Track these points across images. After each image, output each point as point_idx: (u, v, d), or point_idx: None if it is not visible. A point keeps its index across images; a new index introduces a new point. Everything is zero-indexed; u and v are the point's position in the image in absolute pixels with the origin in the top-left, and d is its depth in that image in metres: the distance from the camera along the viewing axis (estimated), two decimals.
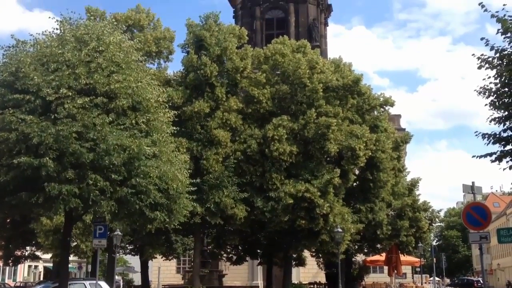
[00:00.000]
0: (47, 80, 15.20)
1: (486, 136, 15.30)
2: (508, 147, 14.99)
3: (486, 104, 15.22)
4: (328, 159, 29.18)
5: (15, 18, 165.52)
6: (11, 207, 16.50)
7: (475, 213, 16.77)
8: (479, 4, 14.27)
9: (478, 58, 14.69)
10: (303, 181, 27.39)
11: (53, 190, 14.54)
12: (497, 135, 15.03)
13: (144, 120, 16.79)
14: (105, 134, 15.09)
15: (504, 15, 13.98)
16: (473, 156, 15.62)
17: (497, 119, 15.17)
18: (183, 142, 25.70)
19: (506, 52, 14.19)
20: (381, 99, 33.96)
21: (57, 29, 17.40)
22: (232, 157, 27.54)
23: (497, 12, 14.07)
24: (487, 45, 14.32)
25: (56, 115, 14.94)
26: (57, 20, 17.49)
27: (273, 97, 29.41)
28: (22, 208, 16.72)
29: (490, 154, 15.07)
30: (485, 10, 14.13)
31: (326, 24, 52.37)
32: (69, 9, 17.74)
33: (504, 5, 14.01)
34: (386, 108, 34.55)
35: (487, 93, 15.07)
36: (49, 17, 17.62)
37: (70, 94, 15.17)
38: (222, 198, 26.27)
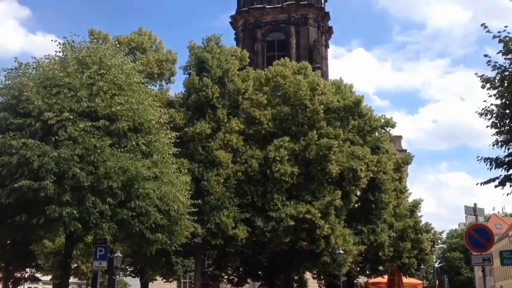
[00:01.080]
0: (49, 103, 15.29)
1: (488, 160, 15.25)
2: (511, 171, 14.91)
3: (487, 126, 15.21)
4: (329, 180, 29.15)
5: (18, 40, 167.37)
6: (12, 229, 16.46)
7: (477, 235, 16.71)
8: (482, 25, 14.34)
9: (480, 77, 14.74)
10: (304, 202, 27.34)
11: (53, 212, 14.54)
12: (499, 160, 14.96)
13: (145, 141, 16.83)
14: (106, 157, 15.12)
15: (506, 37, 14.06)
16: (477, 184, 15.53)
17: (499, 143, 15.12)
18: (184, 163, 25.72)
19: (507, 73, 14.23)
20: (382, 120, 34.08)
21: (59, 51, 17.56)
22: (233, 178, 27.54)
23: (499, 32, 14.17)
24: (488, 63, 14.35)
25: (57, 137, 15.01)
26: (59, 43, 17.66)
27: (274, 118, 29.52)
28: (23, 230, 16.67)
29: (493, 180, 14.96)
30: (488, 31, 14.22)
31: (327, 46, 52.78)
32: (72, 32, 17.87)
33: (505, 26, 14.12)
34: (387, 129, 34.65)
35: (489, 115, 15.07)
36: (52, 40, 17.78)
37: (72, 117, 15.25)
38: (223, 219, 26.21)
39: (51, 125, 15.27)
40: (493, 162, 15.06)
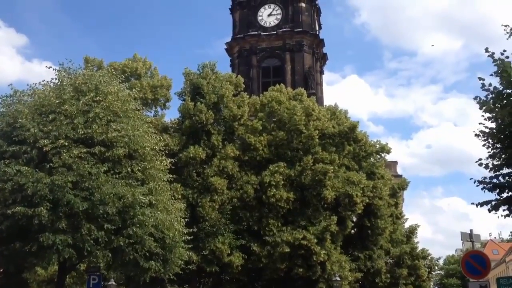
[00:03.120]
0: (45, 130, 15.29)
1: (482, 183, 15.31)
2: (504, 195, 14.96)
3: (483, 145, 15.32)
4: (325, 206, 29.05)
5: (15, 68, 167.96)
6: (5, 257, 16.25)
7: (474, 262, 16.61)
8: (485, 48, 14.53)
9: (476, 99, 14.87)
10: (300, 228, 27.20)
11: (47, 240, 14.38)
12: (492, 182, 15.03)
13: (140, 168, 16.78)
14: (101, 184, 15.05)
15: (500, 59, 14.25)
16: (472, 203, 15.62)
17: (493, 166, 15.20)
18: (178, 188, 25.59)
19: (504, 92, 14.35)
20: (377, 146, 34.17)
21: (55, 78, 17.59)
22: (229, 204, 27.40)
23: (493, 53, 14.37)
24: (483, 87, 14.50)
25: (51, 164, 14.95)
26: (54, 69, 17.69)
27: (269, 144, 29.53)
28: (16, 258, 16.45)
29: (487, 202, 15.03)
30: (490, 56, 14.39)
31: (321, 72, 53.15)
32: (67, 59, 17.90)
33: (504, 50, 14.34)
34: (383, 155, 34.71)
35: (485, 136, 15.19)
36: (47, 67, 17.83)
37: (67, 144, 15.22)
38: (218, 245, 25.97)
39: (46, 152, 15.23)
40: (486, 185, 15.12)
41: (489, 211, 14.97)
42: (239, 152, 29.01)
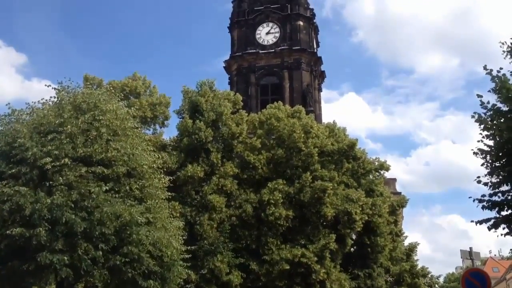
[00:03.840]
0: (45, 150, 15.28)
1: (481, 201, 15.28)
2: (503, 213, 14.93)
3: (482, 164, 15.32)
4: (324, 223, 28.93)
5: (14, 87, 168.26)
6: (2, 276, 16.13)
7: (474, 280, 16.47)
8: (484, 66, 14.62)
9: (472, 116, 14.91)
10: (299, 246, 27.06)
11: (44, 259, 14.30)
12: (491, 201, 15.00)
13: (138, 186, 16.76)
14: (100, 203, 15.01)
15: (498, 75, 14.33)
16: (471, 221, 15.58)
17: (492, 183, 15.19)
18: (176, 206, 25.48)
19: (502, 109, 14.39)
20: (376, 163, 34.13)
21: (54, 97, 17.63)
22: (227, 222, 27.29)
23: (491, 70, 14.46)
24: (482, 104, 14.56)
25: (51, 183, 14.92)
26: (54, 88, 17.74)
27: (268, 161, 29.50)
28: (13, 277, 16.32)
29: (486, 220, 14.99)
30: (487, 73, 14.46)
31: (320, 90, 53.34)
32: (67, 78, 17.96)
33: (500, 68, 14.42)
34: (381, 172, 34.65)
35: (483, 154, 15.21)
36: (46, 85, 17.91)
37: (69, 163, 15.21)
38: (217, 264, 25.79)
39: (46, 171, 15.20)
40: (485, 203, 15.10)
41: (489, 229, 14.95)
42: (238, 170, 28.97)
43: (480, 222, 15.19)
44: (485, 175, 15.35)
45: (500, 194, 15.18)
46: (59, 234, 14.69)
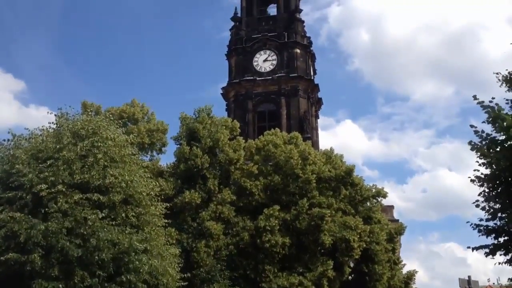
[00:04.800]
0: (41, 176, 15.28)
1: (478, 226, 15.25)
2: (501, 239, 14.88)
3: (479, 194, 15.31)
4: (322, 251, 28.72)
5: (12, 114, 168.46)
6: None
7: None
8: (473, 97, 14.72)
9: (469, 143, 14.94)
10: (296, 273, 26.83)
11: (39, 286, 14.17)
12: (489, 227, 14.97)
13: (135, 214, 16.69)
14: (96, 230, 14.93)
15: (489, 106, 14.39)
16: (468, 247, 15.52)
17: (489, 207, 15.18)
18: (172, 233, 25.26)
19: (497, 139, 14.42)
20: (373, 190, 34.03)
21: (53, 123, 17.71)
22: (224, 250, 27.07)
23: (483, 101, 14.53)
24: (476, 133, 14.61)
25: (46, 210, 14.87)
26: (54, 114, 17.85)
27: (265, 188, 29.44)
28: None
29: (484, 247, 14.93)
30: (478, 103, 14.56)
31: (317, 117, 53.51)
32: (64, 104, 18.15)
33: (493, 98, 14.52)
34: (379, 199, 34.54)
35: (480, 182, 15.22)
36: (48, 112, 18.02)
37: (64, 189, 15.18)
38: None
39: (42, 198, 15.17)
40: (482, 228, 15.06)
41: (486, 255, 14.87)
42: (235, 196, 28.88)
43: (477, 248, 15.14)
44: (483, 202, 15.34)
45: (497, 220, 15.15)
46: (54, 261, 14.59)
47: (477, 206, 15.33)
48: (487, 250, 15.00)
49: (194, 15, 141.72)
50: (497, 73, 14.97)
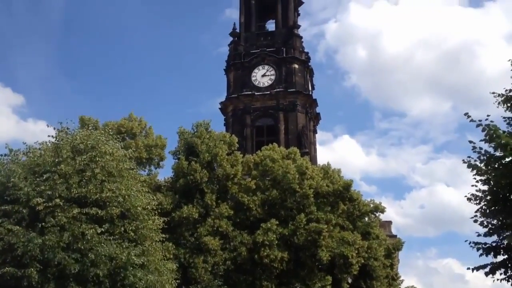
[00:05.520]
0: (38, 190, 15.24)
1: (477, 244, 15.17)
2: (499, 257, 14.79)
3: (476, 211, 15.25)
4: (320, 266, 28.57)
5: (10, 128, 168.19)
6: None
7: None
8: (465, 114, 14.74)
9: (466, 162, 14.89)
10: None
11: None
12: (488, 245, 14.89)
13: (132, 228, 16.63)
14: (94, 245, 14.86)
15: (487, 125, 14.39)
16: (468, 268, 15.40)
17: (487, 223, 15.12)
18: (169, 248, 25.12)
19: (494, 156, 14.40)
20: (371, 205, 33.96)
21: (53, 136, 17.73)
22: (222, 266, 26.92)
23: (480, 120, 14.54)
24: (474, 149, 14.59)
25: (43, 224, 14.81)
26: (54, 128, 17.85)
27: (263, 203, 29.36)
28: None
29: (483, 267, 14.83)
30: (471, 121, 14.58)
31: (315, 132, 53.57)
32: (62, 118, 18.18)
33: (488, 115, 14.53)
34: (377, 214, 34.45)
35: (477, 200, 15.16)
36: (47, 125, 18.07)
37: (61, 204, 15.14)
38: None
39: (39, 212, 15.12)
40: (481, 247, 14.97)
41: (486, 275, 14.76)
42: (233, 211, 28.79)
43: (477, 268, 15.01)
44: (480, 216, 15.27)
45: (495, 236, 15.07)
46: (50, 276, 14.50)
47: (475, 221, 15.27)
48: (486, 270, 14.89)
49: (191, 30, 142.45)
50: (493, 93, 14.95)
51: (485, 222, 15.17)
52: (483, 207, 15.09)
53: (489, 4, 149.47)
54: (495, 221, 15.04)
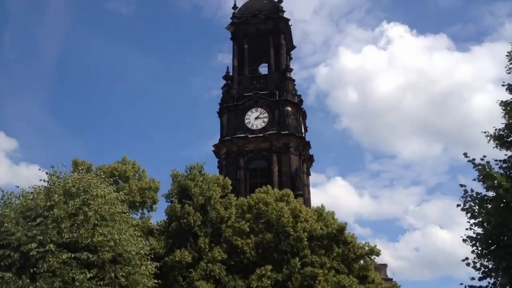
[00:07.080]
0: (30, 235, 15.10)
1: (471, 287, 15.08)
2: None
3: (472, 251, 15.21)
4: None
5: (2, 172, 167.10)
6: None
7: None
8: (464, 154, 14.88)
9: (458, 205, 14.95)
10: None
11: None
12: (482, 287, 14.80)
13: (124, 273, 16.39)
14: None
15: (484, 165, 14.52)
16: None
17: (481, 265, 15.06)
18: None
19: (487, 197, 14.46)
20: (366, 248, 33.65)
21: (45, 180, 17.67)
22: None
23: (473, 159, 14.69)
24: (465, 193, 14.66)
25: (35, 269, 14.60)
26: (47, 173, 17.81)
27: (257, 246, 29.06)
28: None
29: None
30: (469, 161, 14.72)
31: (308, 174, 53.55)
32: (55, 162, 18.22)
33: (484, 156, 14.69)
34: (372, 257, 34.10)
35: (473, 241, 15.15)
36: (39, 169, 18.12)
37: (53, 249, 14.96)
38: None
39: (30, 257, 14.92)
40: None
41: None
42: (226, 255, 28.45)
43: None
44: (475, 259, 15.23)
45: (490, 278, 14.98)
46: None
47: (468, 264, 15.20)
48: None
49: (183, 74, 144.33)
50: (485, 132, 15.34)
51: (478, 265, 15.10)
52: (479, 247, 15.06)
53: (475, 49, 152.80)
54: (490, 265, 14.97)
